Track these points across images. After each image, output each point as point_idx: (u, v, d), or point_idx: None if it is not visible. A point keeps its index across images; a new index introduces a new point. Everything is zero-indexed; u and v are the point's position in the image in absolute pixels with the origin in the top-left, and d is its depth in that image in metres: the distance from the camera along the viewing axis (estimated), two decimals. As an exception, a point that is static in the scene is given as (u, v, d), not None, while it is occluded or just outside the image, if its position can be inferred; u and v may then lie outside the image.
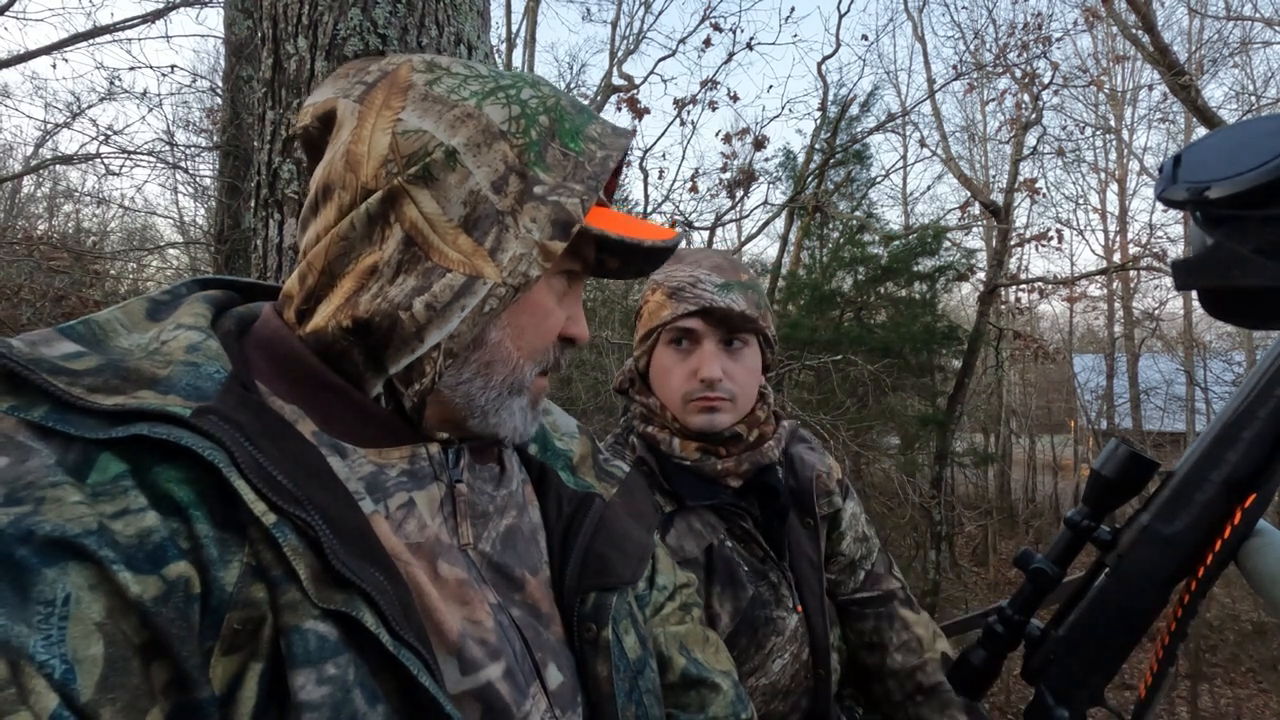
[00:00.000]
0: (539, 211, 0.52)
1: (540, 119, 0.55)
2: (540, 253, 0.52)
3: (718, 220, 6.92)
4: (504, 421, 0.57)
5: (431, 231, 0.51)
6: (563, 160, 0.54)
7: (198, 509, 0.41)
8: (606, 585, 0.61)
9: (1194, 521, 0.60)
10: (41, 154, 6.89)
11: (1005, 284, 7.90)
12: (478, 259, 0.52)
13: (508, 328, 0.55)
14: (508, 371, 0.56)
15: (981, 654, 0.73)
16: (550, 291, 0.58)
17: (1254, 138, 0.55)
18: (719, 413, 1.00)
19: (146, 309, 0.52)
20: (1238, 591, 6.57)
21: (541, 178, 0.53)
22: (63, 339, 0.45)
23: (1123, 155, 11.89)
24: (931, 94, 8.27)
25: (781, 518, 1.05)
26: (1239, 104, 8.82)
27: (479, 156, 0.52)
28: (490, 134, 0.53)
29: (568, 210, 0.53)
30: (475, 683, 0.49)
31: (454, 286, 0.51)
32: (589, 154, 0.56)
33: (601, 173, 0.55)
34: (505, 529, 0.60)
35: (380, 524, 0.50)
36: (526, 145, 0.53)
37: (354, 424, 0.53)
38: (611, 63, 7.07)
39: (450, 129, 0.52)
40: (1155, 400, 10.82)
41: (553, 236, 0.52)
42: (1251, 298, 0.56)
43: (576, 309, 0.62)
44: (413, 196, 0.51)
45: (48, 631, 0.34)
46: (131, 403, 0.42)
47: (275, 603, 0.41)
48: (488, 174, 0.52)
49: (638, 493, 0.73)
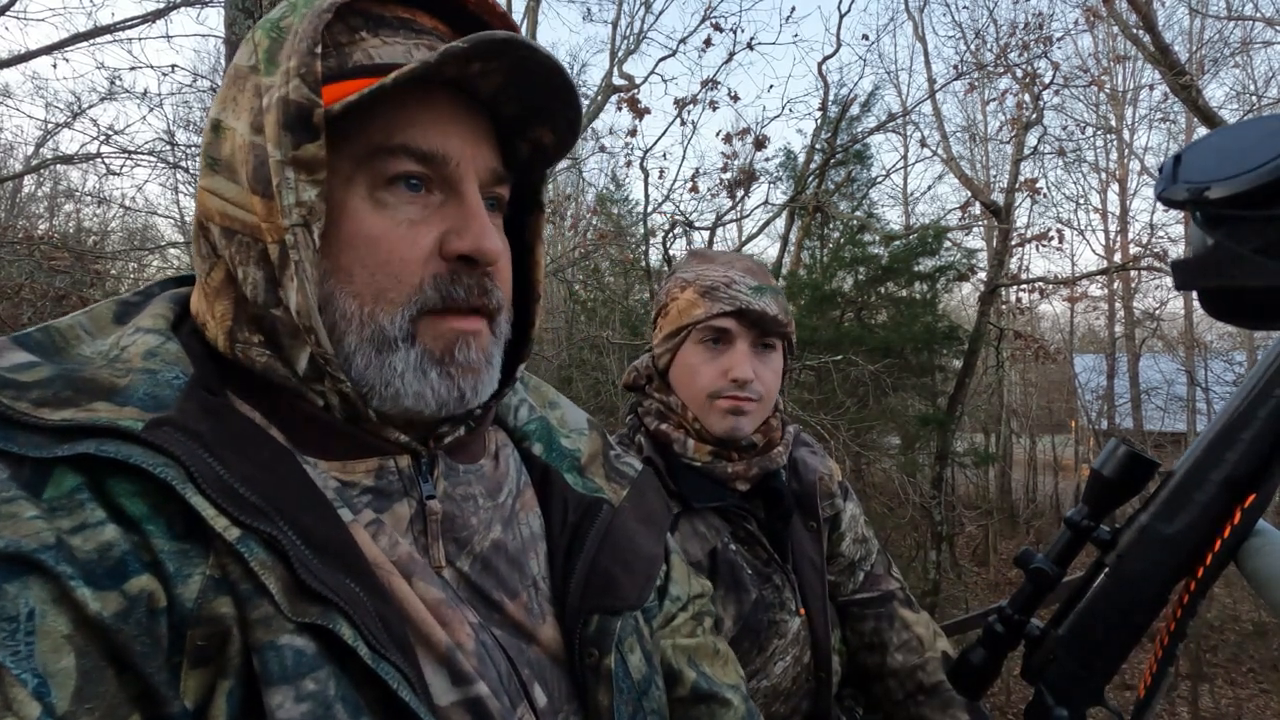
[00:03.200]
0: (268, 120, 0.43)
1: (282, 23, 0.46)
2: (296, 169, 0.43)
3: (718, 220, 6.91)
4: (401, 389, 0.47)
5: (239, 210, 0.45)
6: (280, 49, 0.45)
7: (152, 522, 0.39)
8: (611, 608, 0.56)
9: (1194, 521, 0.60)
10: (42, 154, 6.90)
11: (1006, 284, 7.90)
12: (274, 216, 0.44)
13: (334, 276, 0.46)
14: (359, 328, 0.47)
15: (981, 654, 0.73)
16: (376, 208, 0.47)
17: (1254, 138, 0.55)
18: (745, 415, 1.00)
19: (114, 312, 0.49)
20: (1238, 591, 6.57)
21: (265, 83, 0.45)
22: (16, 349, 0.42)
23: (1123, 155, 11.89)
24: (932, 94, 8.27)
25: (785, 520, 1.05)
26: (1240, 104, 8.81)
27: (236, 107, 0.46)
28: (240, 78, 0.46)
29: (291, 99, 0.43)
30: (466, 694, 0.46)
31: (274, 256, 0.44)
32: (294, 24, 0.45)
33: (315, 23, 0.45)
34: (490, 544, 0.54)
35: (359, 532, 0.46)
36: (262, 59, 0.45)
37: (314, 434, 0.47)
38: (612, 62, 7.07)
39: (217, 99, 0.47)
40: (1156, 400, 10.82)
41: (296, 143, 0.43)
42: (1251, 298, 0.56)
43: (460, 218, 0.49)
44: (211, 190, 0.47)
45: (15, 647, 0.33)
46: (81, 416, 0.39)
47: (245, 618, 0.39)
48: (247, 118, 0.45)
49: (649, 493, 0.67)
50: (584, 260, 7.73)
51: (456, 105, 0.50)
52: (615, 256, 8.13)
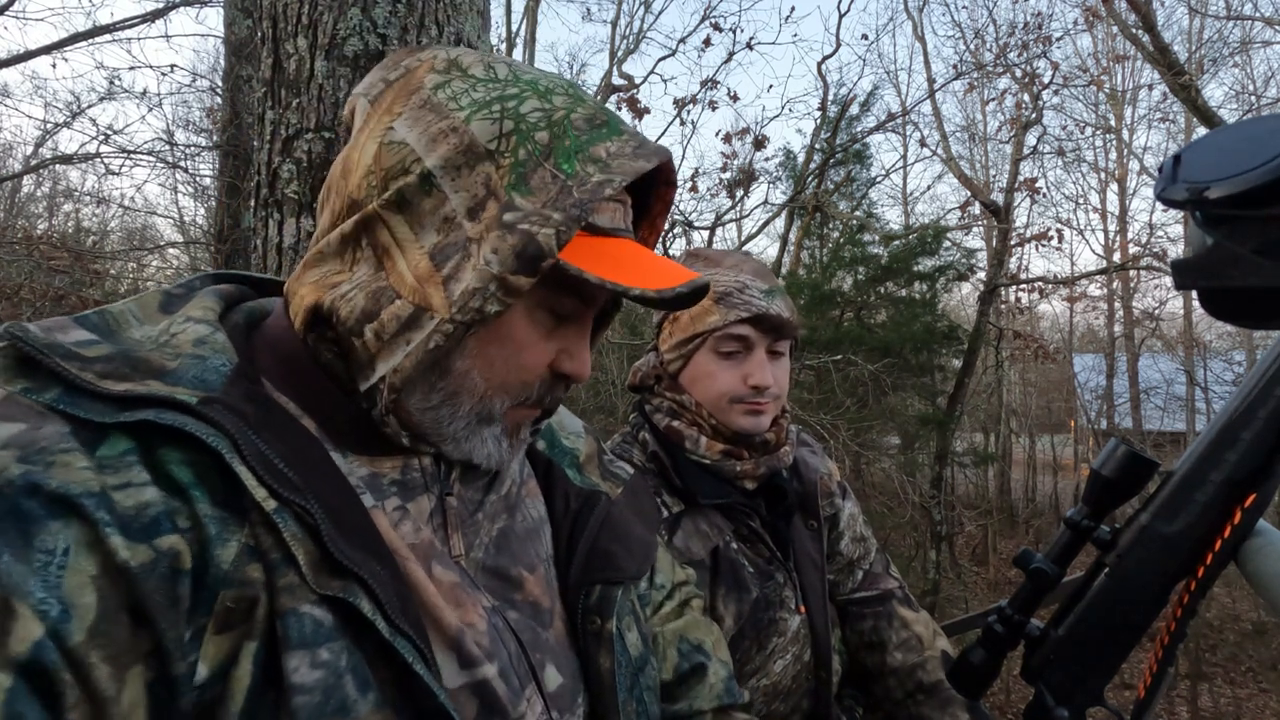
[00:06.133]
0: (503, 241, 0.47)
1: (537, 135, 0.49)
2: (499, 287, 0.47)
3: (718, 220, 6.92)
4: (476, 449, 0.54)
5: (400, 253, 0.49)
6: (550, 184, 0.48)
7: (197, 489, 0.42)
8: (611, 579, 0.61)
9: (1194, 522, 0.60)
10: (41, 153, 6.89)
11: (1005, 284, 7.90)
12: (430, 287, 0.48)
13: (476, 357, 0.51)
14: (474, 402, 0.52)
15: (981, 654, 0.73)
16: (532, 324, 0.53)
17: (1254, 137, 0.55)
18: (763, 415, 1.02)
19: (160, 302, 0.53)
20: (1238, 591, 6.57)
21: (518, 203, 0.48)
22: (77, 327, 0.47)
23: (1123, 155, 11.91)
24: (931, 94, 8.28)
25: (788, 519, 1.06)
26: (1239, 104, 8.84)
27: (458, 179, 0.48)
28: (473, 153, 0.48)
29: (537, 241, 0.47)
30: (473, 678, 0.49)
31: (401, 317, 0.48)
32: (582, 177, 0.49)
33: (591, 199, 0.48)
34: (498, 532, 0.59)
35: (380, 519, 0.50)
36: (512, 166, 0.48)
37: (347, 429, 0.52)
38: (611, 62, 7.08)
39: (430, 144, 0.49)
40: (1155, 400, 10.82)
41: (516, 270, 0.47)
42: (1251, 298, 0.56)
43: (576, 344, 0.56)
44: (386, 221, 0.50)
45: (45, 576, 0.36)
46: (140, 389, 0.43)
47: (273, 585, 0.42)
48: (465, 199, 0.48)
49: (641, 494, 0.72)
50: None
51: None
52: (615, 256, 8.10)
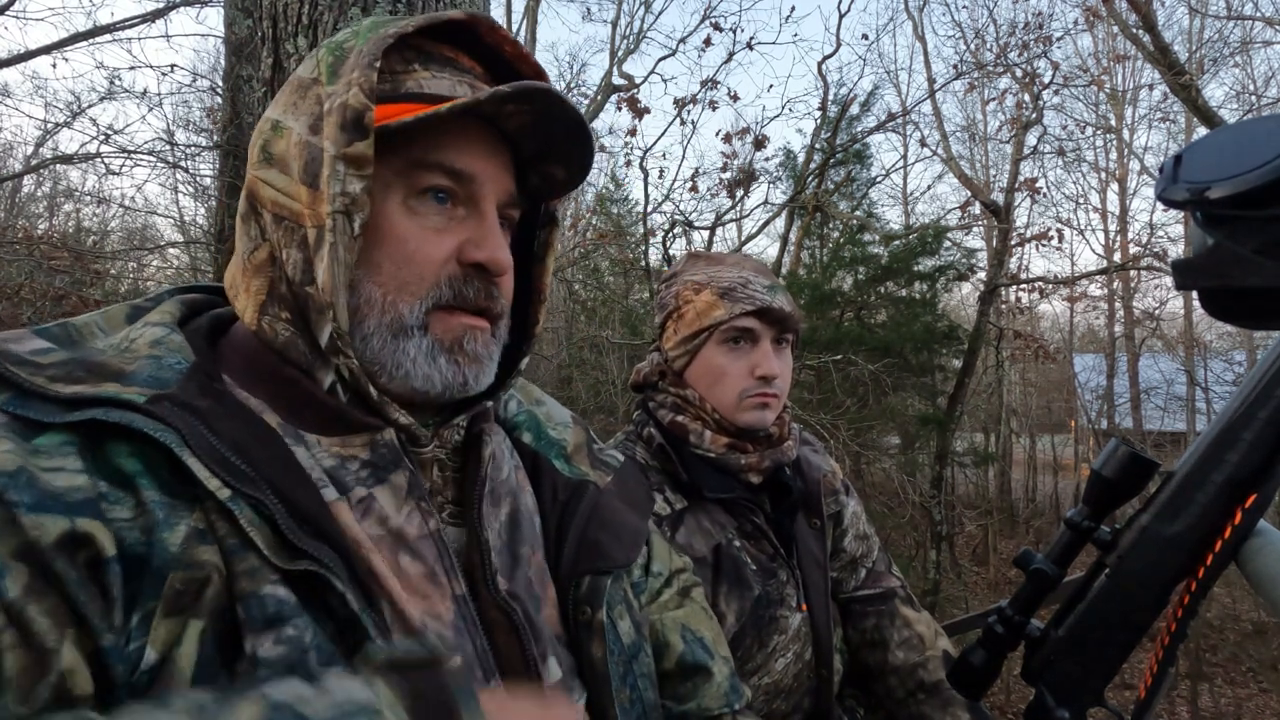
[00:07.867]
0: (331, 125, 0.50)
1: (345, 45, 0.53)
2: (346, 164, 0.49)
3: (718, 220, 6.91)
4: (410, 372, 0.53)
5: (286, 197, 0.52)
6: (352, 63, 0.51)
7: (144, 478, 0.43)
8: (600, 569, 0.61)
9: (1194, 522, 0.60)
10: (42, 153, 6.88)
11: (1005, 284, 7.90)
12: (318, 204, 0.50)
13: (366, 265, 0.52)
14: (380, 314, 0.53)
15: (981, 654, 0.73)
16: (411, 216, 0.54)
17: (1254, 137, 0.55)
18: (769, 409, 1.04)
19: (127, 314, 0.55)
20: (1238, 591, 6.56)
21: (328, 90, 0.51)
22: (35, 338, 0.48)
23: (1123, 155, 11.91)
24: (932, 93, 8.27)
25: (792, 515, 1.07)
26: (1239, 104, 8.83)
27: (297, 110, 0.53)
28: (302, 87, 0.54)
29: (350, 105, 0.49)
30: None
31: (311, 242, 0.51)
32: (376, 40, 0.52)
33: (379, 45, 0.51)
34: (506, 516, 0.60)
35: (343, 512, 0.49)
36: (326, 72, 0.52)
37: (312, 414, 0.53)
38: (612, 62, 7.08)
39: (277, 104, 0.54)
40: (1155, 400, 10.81)
41: (351, 140, 0.49)
42: (1251, 298, 0.56)
43: (478, 231, 0.55)
44: (264, 180, 0.54)
45: None
46: (89, 391, 0.44)
47: (231, 570, 0.43)
48: (306, 120, 0.52)
49: (632, 480, 0.72)
50: (584, 260, 7.73)
51: (486, 136, 0.57)
52: (615, 256, 8.13)
